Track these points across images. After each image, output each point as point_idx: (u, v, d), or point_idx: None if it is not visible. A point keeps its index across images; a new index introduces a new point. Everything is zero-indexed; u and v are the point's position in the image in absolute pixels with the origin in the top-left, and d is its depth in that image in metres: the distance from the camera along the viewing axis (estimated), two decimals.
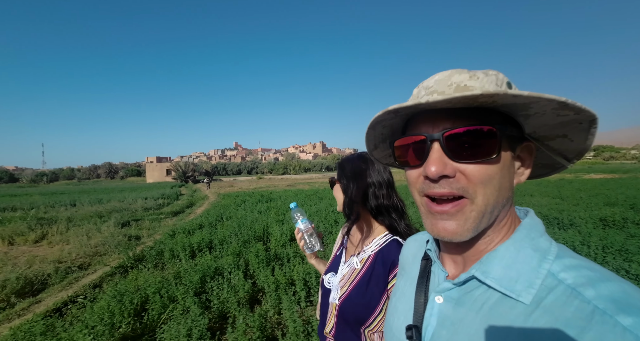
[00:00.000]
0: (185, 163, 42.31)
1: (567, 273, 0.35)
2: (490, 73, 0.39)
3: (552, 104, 0.34)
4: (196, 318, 2.52)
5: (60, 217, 9.30)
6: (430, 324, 0.44)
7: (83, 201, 14.23)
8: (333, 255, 1.03)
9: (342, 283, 0.88)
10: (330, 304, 0.88)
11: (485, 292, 0.40)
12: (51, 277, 4.25)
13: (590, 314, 0.31)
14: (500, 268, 0.39)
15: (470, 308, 0.40)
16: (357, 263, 0.88)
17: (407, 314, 0.50)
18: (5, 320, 3.05)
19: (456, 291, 0.43)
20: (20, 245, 6.79)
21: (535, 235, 0.41)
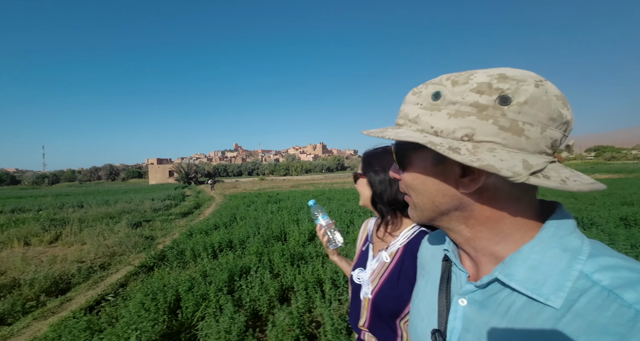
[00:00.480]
0: (187, 165, 42.38)
1: (603, 274, 0.33)
2: (417, 90, 0.42)
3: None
4: (233, 315, 2.56)
5: (71, 218, 9.35)
6: (455, 328, 0.44)
7: (90, 202, 14.30)
8: (359, 251, 1.03)
9: (373, 277, 0.88)
10: (363, 299, 0.89)
11: (510, 295, 0.38)
12: (74, 276, 4.29)
13: (632, 320, 0.28)
14: (524, 270, 0.37)
15: (495, 312, 0.39)
16: (387, 257, 0.88)
17: (430, 317, 0.49)
18: (41, 317, 3.09)
19: (480, 294, 0.42)
20: (36, 245, 6.83)
21: (564, 233, 0.38)
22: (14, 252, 6.28)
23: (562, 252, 0.36)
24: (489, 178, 0.38)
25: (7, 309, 3.16)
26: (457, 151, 0.35)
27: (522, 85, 0.34)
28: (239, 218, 7.20)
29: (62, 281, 4.11)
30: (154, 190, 24.18)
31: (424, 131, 0.40)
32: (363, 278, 0.90)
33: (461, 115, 0.36)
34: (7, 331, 2.79)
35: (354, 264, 1.00)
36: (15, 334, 2.78)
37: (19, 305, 3.29)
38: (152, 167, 48.73)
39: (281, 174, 71.74)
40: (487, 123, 0.35)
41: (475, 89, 0.36)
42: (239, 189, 23.55)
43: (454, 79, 0.38)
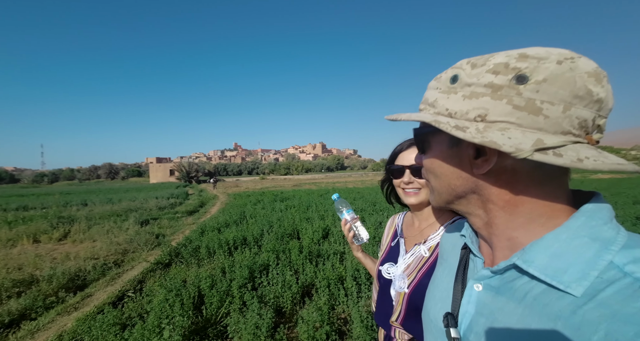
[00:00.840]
0: (189, 164, 42.38)
1: (637, 266, 0.31)
2: (439, 76, 0.43)
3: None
4: (260, 311, 2.57)
5: (79, 215, 9.34)
6: (467, 311, 0.44)
7: (94, 201, 14.29)
8: (387, 246, 1.01)
9: (408, 271, 0.86)
10: (396, 293, 0.87)
11: (528, 282, 0.37)
12: (89, 273, 4.29)
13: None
14: (545, 257, 0.36)
15: (511, 298, 0.38)
16: (426, 251, 0.86)
17: (444, 301, 0.50)
18: (64, 312, 3.10)
19: (497, 280, 0.41)
20: (45, 242, 6.84)
21: (596, 223, 0.36)
22: (25, 248, 6.28)
23: (590, 242, 0.34)
24: (505, 159, 0.37)
25: (29, 304, 3.16)
26: (463, 130, 0.35)
27: (542, 63, 0.33)
28: (248, 217, 7.21)
29: (78, 278, 4.12)
30: (156, 189, 24.17)
31: (440, 114, 0.40)
32: (395, 272, 0.89)
33: (475, 96, 0.36)
34: (34, 326, 2.79)
35: (382, 259, 0.98)
36: (42, 329, 2.78)
37: (40, 300, 3.29)
38: (152, 166, 48.67)
39: (282, 173, 71.77)
40: (501, 103, 0.34)
41: (491, 70, 0.36)
42: (241, 188, 23.55)
43: (474, 61, 0.38)
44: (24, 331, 2.71)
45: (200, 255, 4.61)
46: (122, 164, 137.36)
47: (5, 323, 2.88)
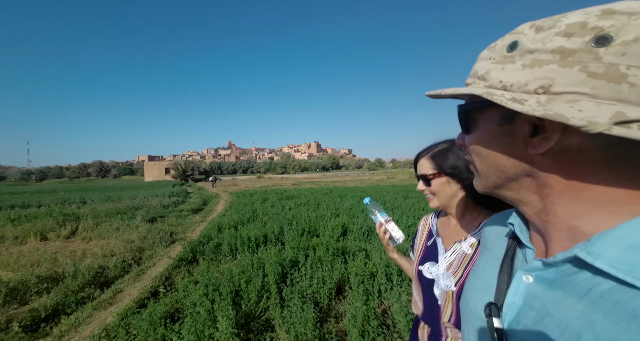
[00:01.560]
0: (185, 162, 41.87)
1: None
2: (491, 45, 0.39)
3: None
4: (303, 306, 2.64)
5: (82, 213, 9.20)
6: (514, 303, 0.40)
7: (93, 198, 14.05)
8: (423, 246, 1.01)
9: (453, 269, 0.86)
10: (443, 293, 0.86)
11: (592, 277, 0.33)
12: (110, 270, 4.28)
13: None
14: (619, 250, 0.31)
15: (570, 292, 0.34)
16: (468, 248, 0.86)
17: (486, 292, 0.46)
18: (100, 307, 3.10)
19: (551, 272, 0.37)
20: (54, 240, 6.74)
21: None
22: (34, 246, 6.18)
23: None
24: (570, 137, 0.32)
25: (61, 300, 3.16)
26: (522, 102, 0.31)
27: (635, 19, 0.27)
28: (261, 214, 7.25)
29: (101, 275, 4.11)
30: (152, 187, 23.85)
31: (492, 87, 0.35)
32: (436, 272, 0.89)
33: (538, 64, 0.31)
34: (74, 321, 2.80)
35: (420, 259, 0.97)
36: (83, 323, 2.79)
37: (72, 296, 3.29)
38: (147, 164, 47.86)
39: (279, 172, 71.60)
40: (572, 71, 0.29)
41: (562, 32, 0.30)
42: (240, 187, 23.45)
43: (540, 24, 0.33)
44: (67, 326, 2.72)
45: (223, 251, 4.65)
46: (113, 162, 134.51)
47: (42, 317, 2.88)
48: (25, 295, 3.40)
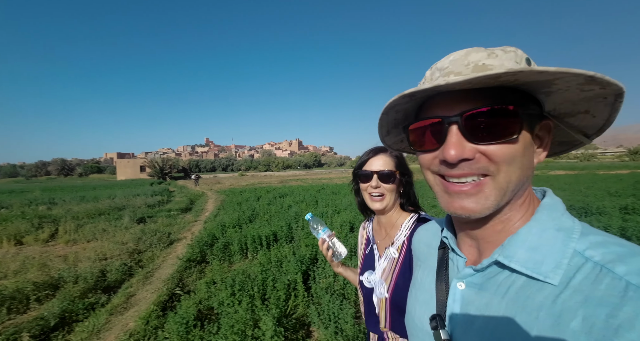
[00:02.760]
0: (162, 160, 39.70)
1: (594, 251, 0.34)
2: (509, 49, 0.38)
3: (579, 79, 0.32)
4: (341, 305, 2.66)
5: (59, 215, 8.48)
6: (454, 311, 0.44)
7: (64, 199, 12.95)
8: (362, 255, 1.01)
9: (385, 276, 0.87)
10: (379, 300, 0.87)
11: (509, 276, 0.39)
12: (112, 274, 4.03)
13: (624, 290, 0.30)
14: (524, 251, 0.38)
15: (495, 293, 0.39)
16: (394, 252, 0.87)
17: (428, 303, 0.49)
18: (116, 312, 2.93)
19: (479, 277, 0.42)
20: (31, 244, 6.17)
21: (557, 215, 0.39)
22: (8, 251, 5.62)
23: (557, 232, 0.37)
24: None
25: (68, 307, 2.93)
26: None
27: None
28: (262, 213, 7.13)
29: (104, 279, 3.85)
30: (128, 186, 22.40)
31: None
32: (374, 280, 0.89)
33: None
34: (91, 327, 2.62)
35: (360, 269, 0.97)
36: (102, 329, 2.63)
37: (79, 302, 3.06)
38: (120, 162, 44.78)
39: (261, 170, 70.36)
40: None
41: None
42: (225, 185, 22.77)
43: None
44: (86, 333, 2.54)
45: (232, 251, 4.54)
46: (77, 160, 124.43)
47: (51, 326, 2.66)
48: (22, 303, 3.11)
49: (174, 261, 4.52)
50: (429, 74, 0.43)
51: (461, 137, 0.38)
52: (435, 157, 0.41)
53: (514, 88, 0.38)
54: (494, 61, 0.37)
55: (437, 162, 0.41)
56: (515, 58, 0.37)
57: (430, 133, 0.41)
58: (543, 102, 0.40)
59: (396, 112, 0.44)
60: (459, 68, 0.38)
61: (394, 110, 0.43)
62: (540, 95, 0.39)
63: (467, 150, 0.37)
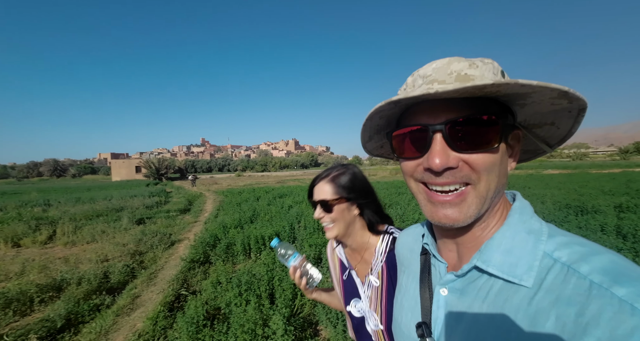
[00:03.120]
0: (158, 160, 39.31)
1: (561, 251, 0.36)
2: (487, 61, 0.40)
3: (553, 93, 0.34)
4: None
5: (55, 216, 8.37)
6: (438, 317, 0.45)
7: (59, 200, 12.78)
8: (341, 282, 0.92)
9: (373, 306, 0.81)
10: (374, 332, 0.81)
11: (488, 280, 0.40)
12: (114, 275, 4.01)
13: (588, 289, 0.31)
14: (499, 255, 0.39)
15: (476, 297, 0.41)
16: (375, 280, 0.82)
17: (414, 310, 0.50)
18: (122, 313, 2.92)
19: (460, 282, 0.43)
20: (29, 246, 6.09)
21: (526, 218, 0.41)
22: (5, 253, 5.55)
23: (527, 235, 0.39)
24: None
25: (72, 308, 2.92)
26: None
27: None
28: (262, 213, 7.14)
29: (107, 281, 3.83)
30: (123, 187, 22.18)
31: None
32: (363, 308, 0.83)
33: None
34: (98, 328, 2.62)
35: (343, 298, 0.90)
36: (110, 330, 2.63)
37: (85, 304, 3.05)
38: (114, 162, 44.21)
39: (258, 170, 70.12)
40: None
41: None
42: (222, 185, 22.66)
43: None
44: (94, 334, 2.54)
45: (235, 251, 4.55)
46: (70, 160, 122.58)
47: (58, 327, 2.65)
48: (26, 305, 3.09)
49: (176, 262, 4.52)
50: (410, 81, 0.44)
51: (445, 146, 0.39)
52: (418, 164, 0.42)
53: (493, 99, 0.40)
54: (475, 71, 0.38)
55: (420, 170, 0.41)
56: (492, 69, 0.39)
57: (413, 140, 0.41)
58: (516, 113, 0.42)
59: (380, 118, 0.45)
60: (442, 76, 0.39)
61: (378, 116, 0.43)
62: (515, 107, 0.41)
63: (451, 158, 0.38)
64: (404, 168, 0.45)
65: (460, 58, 0.40)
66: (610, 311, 0.29)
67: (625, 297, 0.29)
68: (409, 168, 0.43)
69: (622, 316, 0.29)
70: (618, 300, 0.29)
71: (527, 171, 24.16)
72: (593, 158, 77.31)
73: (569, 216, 4.87)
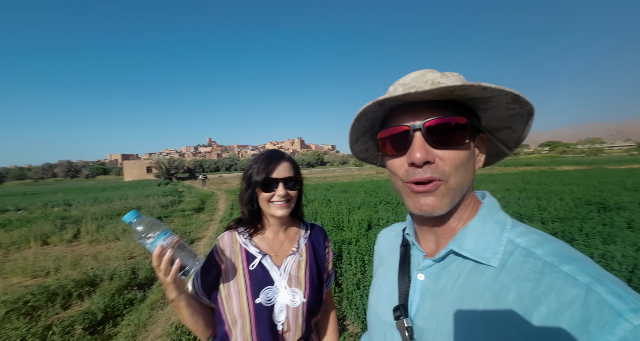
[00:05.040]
0: (169, 160, 40.10)
1: (521, 239, 0.43)
2: (455, 73, 0.47)
3: (507, 97, 0.42)
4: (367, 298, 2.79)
5: (77, 216, 8.69)
6: (414, 300, 0.49)
7: (78, 200, 13.23)
8: (245, 274, 0.84)
9: (294, 283, 0.84)
10: (291, 312, 0.81)
11: (460, 263, 0.46)
12: (141, 272, 4.18)
13: (542, 267, 0.38)
14: (472, 241, 0.45)
15: (449, 279, 0.46)
16: (300, 256, 0.89)
17: (390, 297, 0.54)
18: (157, 307, 3.07)
19: (435, 267, 0.49)
20: (56, 244, 6.37)
21: (494, 211, 0.48)
22: (35, 251, 5.82)
23: (495, 225, 0.46)
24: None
25: (109, 302, 3.08)
26: None
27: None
28: None
29: (134, 276, 4.01)
30: (136, 187, 22.73)
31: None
32: (275, 294, 0.82)
33: None
34: (136, 320, 2.76)
35: (249, 289, 0.82)
36: (148, 322, 2.77)
37: (120, 298, 3.21)
38: (126, 163, 45.27)
39: None
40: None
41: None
42: (232, 185, 22.94)
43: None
44: (132, 326, 2.68)
45: None
46: (82, 161, 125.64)
47: (98, 320, 2.81)
48: (65, 298, 3.27)
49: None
50: (392, 89, 0.49)
51: (425, 142, 0.44)
52: (403, 162, 0.47)
53: (462, 104, 0.46)
54: (446, 80, 0.45)
55: (405, 168, 0.46)
56: (460, 80, 0.45)
57: (397, 139, 0.47)
58: (480, 117, 0.49)
59: (366, 119, 0.50)
60: (419, 83, 0.45)
61: (364, 117, 0.49)
62: (479, 111, 0.48)
63: (430, 153, 0.44)
64: (391, 167, 0.50)
65: (434, 70, 0.47)
66: (558, 284, 0.35)
67: (570, 272, 0.35)
68: (395, 167, 0.48)
69: (567, 286, 0.35)
70: (564, 274, 0.36)
71: (539, 167, 23.66)
72: (608, 153, 74.98)
73: (590, 213, 4.79)
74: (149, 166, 42.96)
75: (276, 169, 0.85)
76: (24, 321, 2.71)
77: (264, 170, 0.84)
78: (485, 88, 0.39)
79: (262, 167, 0.85)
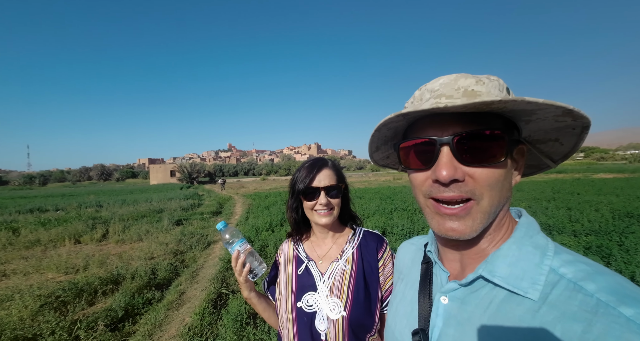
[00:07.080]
0: (190, 165, 42.00)
1: (567, 268, 0.36)
2: (492, 78, 0.41)
3: (557, 111, 0.35)
4: None
5: (107, 217, 9.30)
6: (436, 325, 0.44)
7: (109, 202, 14.16)
8: (293, 277, 0.88)
9: (336, 293, 0.80)
10: (331, 322, 0.78)
11: (491, 291, 0.40)
12: (160, 272, 4.37)
13: (595, 307, 0.32)
14: (505, 267, 0.39)
15: (477, 307, 0.41)
16: (345, 265, 0.84)
17: (409, 317, 0.50)
18: (172, 308, 3.19)
19: (462, 291, 0.43)
20: (87, 243, 6.83)
21: (533, 233, 0.42)
22: (69, 249, 6.27)
23: (534, 249, 0.40)
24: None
25: (129, 301, 3.24)
26: None
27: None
28: None
29: (153, 276, 4.20)
30: (160, 190, 23.92)
31: None
32: (318, 301, 0.81)
33: None
34: (153, 320, 2.89)
35: (294, 294, 0.84)
36: (163, 322, 2.89)
37: (139, 297, 3.37)
38: (152, 167, 48.02)
39: (282, 174, 71.62)
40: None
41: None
42: (249, 189, 23.51)
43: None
44: (149, 325, 2.81)
45: (268, 253, 4.73)
46: (114, 165, 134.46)
47: (119, 317, 2.97)
48: (91, 295, 3.49)
49: (214, 261, 4.81)
50: (418, 94, 0.45)
51: (453, 158, 0.39)
52: (427, 177, 0.42)
53: (499, 115, 0.40)
54: (482, 88, 0.39)
55: (429, 183, 0.42)
56: (498, 86, 0.40)
57: (421, 152, 0.42)
58: (521, 128, 0.43)
59: (388, 129, 0.46)
60: (449, 91, 0.40)
61: (386, 127, 0.44)
62: (520, 123, 0.42)
63: (458, 171, 0.39)
64: (413, 181, 0.45)
65: (467, 74, 0.41)
66: (618, 330, 0.29)
67: (633, 317, 0.30)
68: (418, 181, 0.44)
69: (630, 335, 0.29)
70: (625, 320, 0.30)
71: (572, 175, 22.05)
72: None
73: (631, 226, 4.38)
74: (173, 170, 45.19)
75: (317, 177, 0.85)
76: (54, 315, 2.92)
77: (305, 178, 0.86)
78: (529, 103, 0.34)
79: (304, 175, 0.86)
